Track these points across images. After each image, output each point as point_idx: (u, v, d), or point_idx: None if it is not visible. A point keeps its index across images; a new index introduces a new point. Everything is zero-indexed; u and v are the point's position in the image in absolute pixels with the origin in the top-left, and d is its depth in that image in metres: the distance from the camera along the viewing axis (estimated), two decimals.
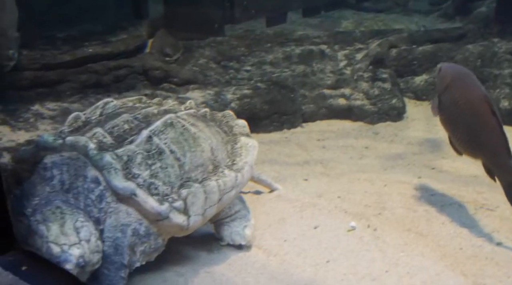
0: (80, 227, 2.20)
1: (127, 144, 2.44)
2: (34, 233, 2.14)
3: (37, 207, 2.25)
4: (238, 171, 2.76)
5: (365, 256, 2.78)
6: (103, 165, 2.32)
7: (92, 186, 2.33)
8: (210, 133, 2.83)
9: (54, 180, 2.34)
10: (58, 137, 2.44)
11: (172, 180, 2.47)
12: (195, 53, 5.08)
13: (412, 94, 5.55)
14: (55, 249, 2.09)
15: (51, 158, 2.37)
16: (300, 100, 4.96)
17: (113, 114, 2.67)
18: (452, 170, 3.95)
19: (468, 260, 2.76)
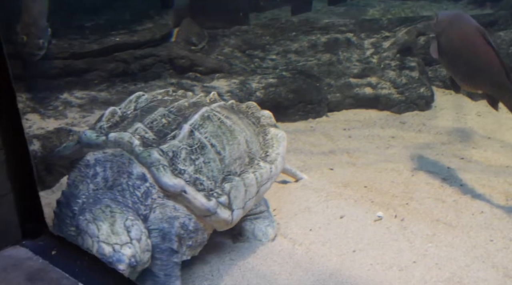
0: (130, 225, 2.14)
1: (170, 139, 2.40)
2: (84, 232, 2.11)
3: (85, 206, 2.21)
4: (272, 163, 2.75)
5: (392, 246, 2.75)
6: (152, 162, 2.27)
7: (138, 183, 2.28)
8: (244, 125, 2.82)
9: (98, 177, 2.31)
10: (100, 134, 2.39)
11: (215, 174, 2.44)
12: (220, 42, 5.07)
13: (440, 83, 5.43)
14: (107, 249, 2.04)
15: (93, 155, 2.35)
16: (325, 89, 4.90)
17: (148, 108, 2.63)
18: (482, 160, 3.85)
19: (499, 252, 2.70)
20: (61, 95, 3.74)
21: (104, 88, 3.95)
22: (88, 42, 4.10)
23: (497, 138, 4.27)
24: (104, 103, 3.70)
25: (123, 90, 3.93)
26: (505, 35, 5.39)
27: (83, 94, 3.83)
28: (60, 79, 3.86)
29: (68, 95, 3.77)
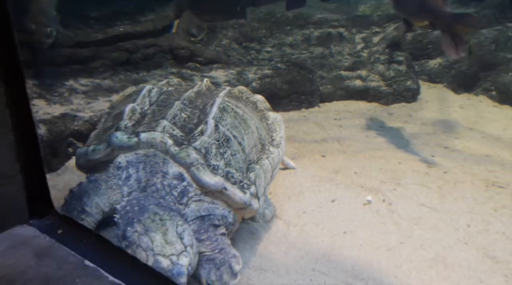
0: (182, 232, 1.95)
1: (198, 135, 2.27)
2: (136, 246, 1.88)
3: (131, 215, 1.99)
4: (278, 147, 2.70)
5: (381, 228, 2.74)
6: (191, 162, 2.16)
7: (175, 182, 2.14)
8: (251, 113, 2.75)
9: (131, 179, 2.16)
10: (131, 135, 2.22)
11: (241, 165, 2.36)
12: (218, 34, 5.01)
13: (426, 76, 5.41)
14: (164, 262, 1.83)
15: (125, 157, 2.20)
16: (318, 81, 4.87)
17: (162, 102, 2.50)
18: (464, 150, 3.85)
19: (479, 234, 2.70)
20: (66, 82, 3.68)
21: (108, 76, 3.89)
22: (93, 31, 4.03)
23: (478, 129, 4.27)
24: (107, 90, 3.65)
25: (126, 78, 3.87)
26: (488, 32, 5.36)
27: (87, 81, 3.77)
28: (66, 66, 3.80)
29: (74, 82, 3.71)
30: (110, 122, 2.52)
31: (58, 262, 1.63)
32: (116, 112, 2.59)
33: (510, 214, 2.91)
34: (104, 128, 2.53)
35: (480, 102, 4.92)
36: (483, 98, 5.00)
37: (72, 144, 3.31)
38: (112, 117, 2.55)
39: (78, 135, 3.33)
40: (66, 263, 1.62)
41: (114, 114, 2.58)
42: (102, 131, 2.51)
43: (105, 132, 2.45)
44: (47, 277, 1.55)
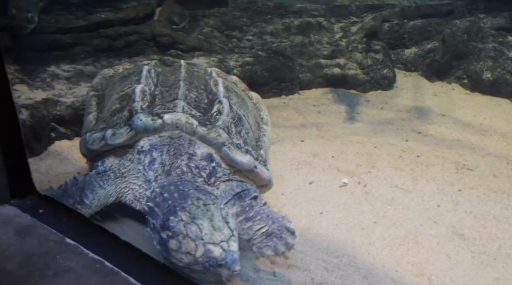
0: (226, 215, 1.81)
1: (217, 114, 2.18)
2: (183, 236, 1.72)
3: (171, 203, 1.82)
4: (267, 124, 2.69)
5: (356, 209, 2.79)
6: (223, 142, 2.07)
7: (204, 164, 2.04)
8: (241, 92, 2.72)
9: (155, 163, 2.03)
10: (155, 117, 2.07)
11: (253, 143, 2.31)
12: (200, 22, 4.96)
13: (402, 65, 5.47)
14: (216, 251, 1.69)
15: (148, 141, 2.06)
16: (297, 68, 4.88)
17: (165, 83, 2.38)
18: (436, 135, 3.92)
19: (449, 213, 2.77)
20: (48, 67, 3.61)
21: (90, 62, 3.83)
22: (75, 18, 3.95)
23: (451, 116, 4.35)
24: (89, 76, 3.60)
25: (108, 64, 3.82)
26: (460, 23, 5.44)
27: (69, 67, 3.71)
28: (48, 52, 3.72)
29: (56, 68, 3.64)
30: (117, 104, 2.30)
31: (39, 239, 1.62)
32: (115, 93, 2.40)
33: (478, 195, 2.99)
34: (111, 111, 2.30)
35: (452, 90, 5.00)
36: (456, 86, 5.08)
37: (55, 129, 3.26)
38: (117, 99, 2.34)
39: (60, 120, 3.28)
40: (47, 241, 1.61)
41: (117, 95, 2.37)
42: (109, 114, 2.29)
43: (114, 115, 2.25)
44: (29, 254, 1.55)
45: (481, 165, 3.37)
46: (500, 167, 3.35)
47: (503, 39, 5.18)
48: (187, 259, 1.72)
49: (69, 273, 1.43)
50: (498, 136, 3.91)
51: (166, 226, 1.77)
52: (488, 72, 4.85)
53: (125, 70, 2.78)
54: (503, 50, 5.02)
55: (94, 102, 2.58)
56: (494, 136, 3.90)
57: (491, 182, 3.14)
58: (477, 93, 4.87)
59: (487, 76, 4.83)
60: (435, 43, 5.43)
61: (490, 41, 5.16)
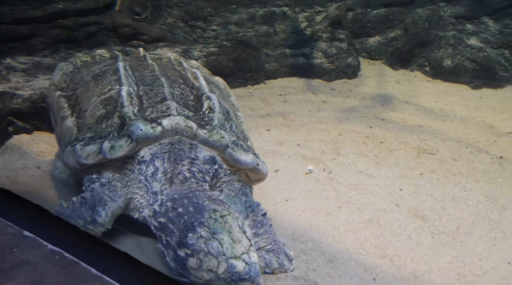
0: (242, 225, 1.78)
1: (209, 112, 2.12)
2: (204, 254, 1.66)
3: (187, 218, 1.74)
4: (239, 110, 2.68)
5: (321, 195, 2.84)
6: (227, 144, 2.03)
7: (207, 167, 1.99)
8: (211, 79, 2.67)
9: (159, 173, 1.95)
10: (154, 124, 1.98)
11: (241, 135, 2.28)
12: (163, 13, 4.91)
13: (366, 54, 5.57)
14: (240, 266, 1.65)
15: (149, 150, 1.97)
16: (263, 58, 4.90)
17: (143, 80, 2.27)
18: (399, 121, 4.03)
19: (410, 196, 2.86)
20: (3, 60, 3.50)
21: (48, 54, 3.74)
22: (31, 8, 3.84)
23: (413, 102, 4.48)
24: (48, 68, 3.51)
25: (67, 56, 3.73)
26: (421, 12, 5.57)
27: (26, 59, 3.61)
28: (3, 44, 3.60)
29: (11, 60, 3.53)
30: (101, 109, 2.17)
31: None
32: (95, 95, 2.24)
33: (438, 178, 3.10)
34: (95, 117, 2.16)
35: (415, 77, 5.14)
36: (418, 73, 5.22)
37: (12, 122, 3.17)
38: (100, 103, 2.20)
39: (18, 114, 3.19)
40: (4, 234, 1.58)
41: (98, 99, 2.22)
42: (94, 121, 2.14)
43: (100, 121, 2.13)
44: None
45: (441, 149, 3.48)
46: (460, 151, 3.48)
47: (462, 27, 5.35)
48: (208, 276, 1.67)
49: (26, 265, 1.41)
50: (458, 121, 4.05)
51: (184, 244, 1.70)
52: (448, 59, 5.01)
53: (89, 65, 2.65)
54: (462, 38, 5.18)
55: (65, 104, 2.40)
56: (454, 121, 4.04)
57: (451, 165, 3.26)
58: (438, 80, 5.02)
59: (447, 63, 4.99)
60: (397, 32, 5.56)
61: (450, 29, 5.32)
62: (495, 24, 5.30)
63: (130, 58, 2.77)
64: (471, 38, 5.19)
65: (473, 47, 5.06)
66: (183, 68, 2.56)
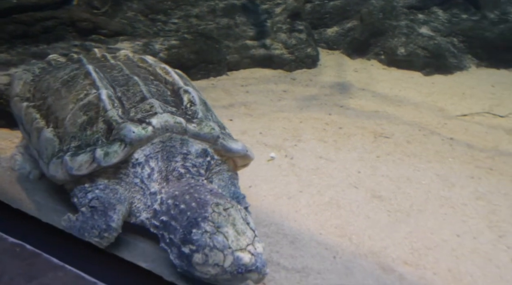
0: (245, 216, 1.75)
1: (191, 106, 2.09)
2: (210, 248, 1.64)
3: (190, 214, 1.71)
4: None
5: (283, 180, 2.89)
6: (218, 135, 2.03)
7: (200, 160, 1.97)
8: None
9: (155, 173, 1.91)
10: (143, 125, 1.94)
11: (220, 124, 2.26)
12: (123, 6, 4.80)
13: (325, 44, 5.66)
14: (246, 257, 1.62)
15: (142, 152, 1.93)
16: (224, 50, 4.90)
17: (119, 80, 2.20)
18: (357, 107, 4.13)
19: (368, 178, 2.95)
20: None
21: (4, 50, 3.60)
22: None
23: (370, 90, 4.59)
24: (4, 64, 3.39)
25: (24, 51, 3.62)
26: (376, 2, 5.69)
27: None
28: None
29: None
30: (82, 116, 2.07)
31: None
32: (70, 102, 2.14)
33: (394, 160, 3.21)
34: (77, 124, 2.07)
35: (371, 66, 5.26)
36: (374, 62, 5.35)
37: None
38: (79, 110, 2.10)
39: None
40: None
41: (75, 105, 2.12)
42: (77, 129, 2.06)
43: (84, 128, 2.04)
44: None
45: (396, 133, 3.60)
46: (413, 134, 3.61)
47: (414, 17, 5.51)
48: (215, 270, 1.65)
49: None
50: (411, 106, 4.19)
51: (188, 240, 1.67)
52: (402, 47, 5.15)
53: (52, 71, 2.51)
54: (414, 27, 5.34)
55: (36, 115, 2.28)
56: (408, 106, 4.18)
57: (405, 148, 3.38)
58: (393, 68, 5.16)
59: (401, 52, 5.13)
60: (354, 22, 5.66)
61: (403, 19, 5.46)
62: (444, 14, 5.48)
63: (90, 60, 2.66)
64: (422, 27, 5.35)
65: (424, 36, 5.22)
66: (149, 65, 2.53)
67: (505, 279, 2.10)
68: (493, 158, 3.29)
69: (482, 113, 4.04)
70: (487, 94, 4.52)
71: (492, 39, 5.18)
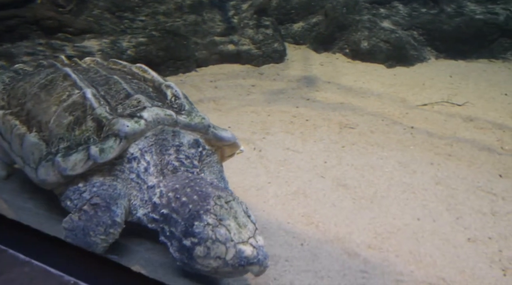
0: (246, 209, 1.73)
1: (175, 100, 2.10)
2: (212, 241, 1.61)
3: (192, 207, 1.68)
4: None
5: (252, 172, 2.92)
6: (208, 124, 2.03)
7: (193, 151, 1.95)
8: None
9: (151, 166, 1.87)
10: (136, 119, 1.91)
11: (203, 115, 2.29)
12: (89, 4, 4.72)
13: (291, 39, 5.70)
14: (248, 250, 1.61)
15: (137, 146, 1.89)
16: (193, 47, 4.88)
17: (98, 81, 2.17)
18: (323, 100, 4.20)
19: (333, 168, 3.02)
20: None
21: None
22: None
23: (335, 82, 4.67)
24: None
25: None
26: None
27: None
28: None
29: None
30: (67, 116, 2.03)
31: None
32: (52, 105, 2.10)
33: (358, 149, 3.28)
34: (63, 125, 2.02)
35: (336, 59, 5.34)
36: (339, 55, 5.43)
37: None
38: (64, 111, 2.05)
39: None
40: None
41: (59, 107, 2.07)
42: (64, 130, 2.00)
43: (72, 129, 1.99)
44: None
45: (360, 123, 3.68)
46: (376, 124, 3.69)
47: (376, 11, 5.61)
48: (216, 263, 1.63)
49: None
50: (375, 97, 4.29)
51: (190, 233, 1.64)
52: (365, 41, 5.25)
53: (25, 78, 2.44)
54: (376, 21, 5.44)
55: (15, 122, 2.22)
56: (371, 98, 4.27)
57: (369, 137, 3.46)
58: (357, 61, 5.26)
59: (364, 45, 5.23)
60: (319, 17, 5.73)
61: (365, 13, 5.56)
62: (404, 8, 5.60)
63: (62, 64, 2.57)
64: (384, 21, 5.47)
65: (386, 30, 5.34)
66: (123, 65, 2.51)
67: (461, 258, 2.19)
68: (451, 144, 3.41)
69: (441, 102, 4.17)
70: (446, 84, 4.66)
71: (450, 32, 5.34)
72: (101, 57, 3.98)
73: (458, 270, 2.10)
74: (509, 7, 5.41)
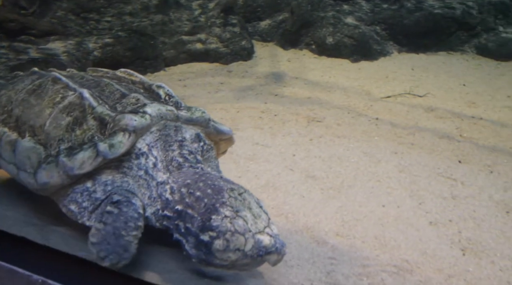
0: (258, 200, 1.72)
1: (169, 98, 2.06)
2: (231, 233, 1.58)
3: (207, 201, 1.64)
4: None
5: (222, 168, 2.90)
6: (209, 118, 2.01)
7: (195, 146, 1.94)
8: None
9: (158, 162, 1.83)
10: (141, 114, 1.86)
11: None
12: (52, 6, 4.61)
13: (259, 36, 5.73)
14: (266, 239, 1.59)
15: (144, 141, 1.85)
16: (160, 46, 4.84)
17: (87, 83, 2.13)
18: (291, 95, 4.24)
19: (302, 160, 3.05)
20: None
21: None
22: None
23: (302, 78, 4.72)
24: None
25: None
26: None
27: None
28: None
29: None
30: (65, 118, 1.97)
31: None
32: (46, 108, 2.04)
33: (325, 141, 3.33)
34: (62, 126, 1.96)
35: (303, 55, 5.40)
36: (306, 51, 5.49)
37: None
38: (60, 113, 1.99)
39: None
40: None
41: (54, 110, 2.01)
42: (63, 131, 1.94)
43: (71, 129, 1.93)
44: None
45: (327, 116, 3.74)
46: (343, 117, 3.76)
47: (340, 8, 5.70)
48: (235, 256, 1.60)
49: None
50: (341, 91, 4.36)
51: (208, 227, 1.60)
52: (330, 37, 5.33)
53: (6, 86, 2.37)
54: (340, 17, 5.53)
55: (4, 129, 2.14)
56: (338, 92, 4.34)
57: (336, 130, 3.52)
58: (323, 56, 5.33)
59: (329, 41, 5.30)
60: (285, 15, 5.77)
61: (329, 10, 5.64)
62: (367, 4, 5.71)
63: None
64: (348, 17, 5.56)
65: (350, 25, 5.43)
66: (105, 72, 2.45)
67: (423, 241, 2.26)
68: (413, 134, 3.50)
69: (404, 94, 4.28)
70: (408, 76, 4.79)
71: (410, 26, 5.47)
72: (67, 59, 3.91)
73: (421, 252, 2.17)
74: (465, 1, 5.59)
